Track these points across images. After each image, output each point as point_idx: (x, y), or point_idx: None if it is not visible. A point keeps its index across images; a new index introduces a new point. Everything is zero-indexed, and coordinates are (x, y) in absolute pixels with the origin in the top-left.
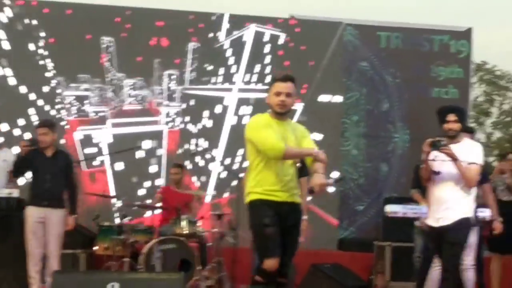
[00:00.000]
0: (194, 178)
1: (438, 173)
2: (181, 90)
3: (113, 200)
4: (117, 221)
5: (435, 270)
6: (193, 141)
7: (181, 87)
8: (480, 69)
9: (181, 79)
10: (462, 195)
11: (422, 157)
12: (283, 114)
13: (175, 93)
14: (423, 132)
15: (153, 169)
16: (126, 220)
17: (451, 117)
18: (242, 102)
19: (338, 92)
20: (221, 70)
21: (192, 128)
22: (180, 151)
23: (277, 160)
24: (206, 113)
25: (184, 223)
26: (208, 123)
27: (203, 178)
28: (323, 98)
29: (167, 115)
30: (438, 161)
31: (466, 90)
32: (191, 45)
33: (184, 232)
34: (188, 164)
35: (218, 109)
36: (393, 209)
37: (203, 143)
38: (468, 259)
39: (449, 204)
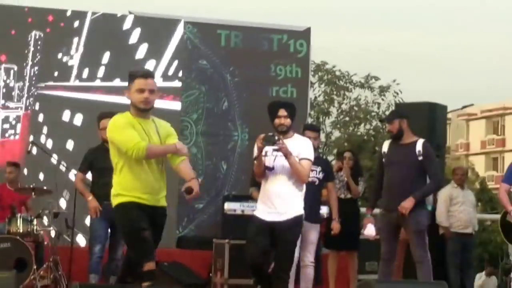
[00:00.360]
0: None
1: (271, 169)
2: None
3: None
4: None
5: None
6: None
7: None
8: (320, 69)
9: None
10: (294, 191)
11: (254, 153)
12: (147, 111)
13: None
14: (262, 131)
15: None
16: None
17: (282, 112)
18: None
19: (177, 91)
20: None
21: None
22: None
23: (140, 161)
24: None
25: (19, 222)
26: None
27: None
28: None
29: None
30: (270, 156)
31: (305, 89)
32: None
33: (19, 231)
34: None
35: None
36: (231, 207)
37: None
38: (309, 256)
39: (282, 199)
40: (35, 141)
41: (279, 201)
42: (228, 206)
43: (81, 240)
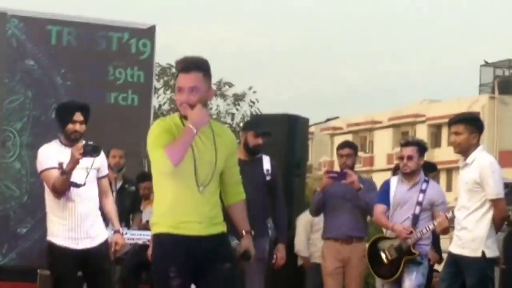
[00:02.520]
0: None
1: (81, 185)
2: None
3: None
4: None
5: None
6: None
7: None
8: (166, 73)
9: None
10: (98, 209)
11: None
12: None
13: None
14: (99, 142)
15: None
16: None
17: (78, 116)
18: None
19: None
20: None
21: None
22: None
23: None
24: None
25: None
26: None
27: None
28: None
29: None
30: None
31: (148, 95)
32: None
33: None
34: None
35: None
36: None
37: None
38: None
39: (92, 219)
40: None
41: (88, 221)
42: None
43: None
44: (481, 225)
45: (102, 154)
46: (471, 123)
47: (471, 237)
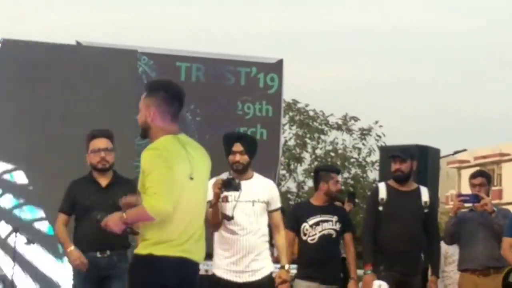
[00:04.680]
0: None
1: (231, 218)
2: None
3: None
4: None
5: None
6: None
7: None
8: (291, 109)
9: None
10: (264, 244)
11: (210, 200)
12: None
13: None
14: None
15: None
16: None
17: (237, 147)
18: None
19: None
20: None
21: None
22: None
23: None
24: None
25: None
26: None
27: None
28: None
29: None
30: (232, 202)
31: (277, 130)
32: None
33: None
34: None
35: None
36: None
37: None
38: None
39: (256, 252)
40: None
41: (252, 258)
42: None
43: None
44: None
45: (273, 188)
46: None
47: None
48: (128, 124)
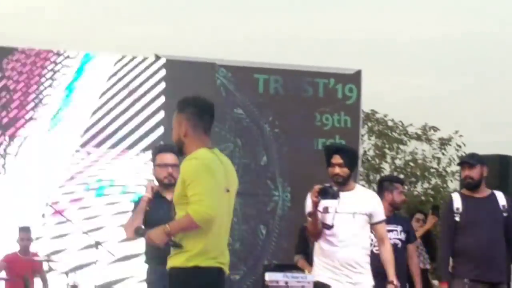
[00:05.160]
0: None
1: (330, 227)
2: None
3: None
4: None
5: None
6: None
7: None
8: (370, 119)
9: None
10: (365, 257)
11: (308, 208)
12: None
13: None
14: (306, 190)
15: None
16: None
17: (336, 159)
18: None
19: None
20: None
21: None
22: None
23: None
24: None
25: None
26: None
27: None
28: None
29: None
30: (331, 212)
31: (356, 140)
32: None
33: None
34: None
35: None
36: (274, 278)
37: None
38: None
39: (356, 266)
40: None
41: (357, 270)
42: (270, 277)
43: None
44: None
45: (376, 200)
46: None
47: None
48: None
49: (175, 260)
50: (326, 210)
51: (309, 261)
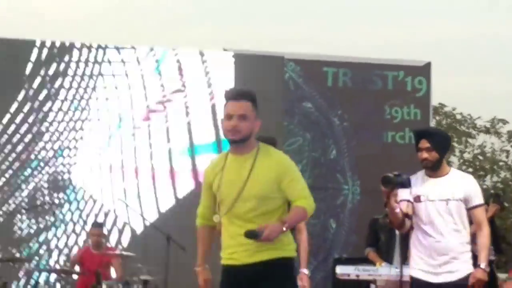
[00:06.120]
0: None
1: (410, 216)
2: None
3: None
4: None
5: None
6: None
7: None
8: (438, 112)
9: None
10: (464, 246)
11: (385, 199)
12: (237, 142)
13: None
14: (376, 183)
15: None
16: None
17: (423, 143)
18: None
19: (278, 138)
20: None
21: None
22: None
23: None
24: None
25: None
26: None
27: None
28: None
29: None
30: (423, 201)
31: None
32: None
33: None
34: None
35: None
36: (345, 271)
37: None
38: None
39: (453, 254)
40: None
41: (450, 257)
42: (341, 270)
43: None
44: None
45: (471, 183)
46: None
47: None
48: (276, 130)
49: (283, 251)
50: (418, 199)
51: (380, 253)
